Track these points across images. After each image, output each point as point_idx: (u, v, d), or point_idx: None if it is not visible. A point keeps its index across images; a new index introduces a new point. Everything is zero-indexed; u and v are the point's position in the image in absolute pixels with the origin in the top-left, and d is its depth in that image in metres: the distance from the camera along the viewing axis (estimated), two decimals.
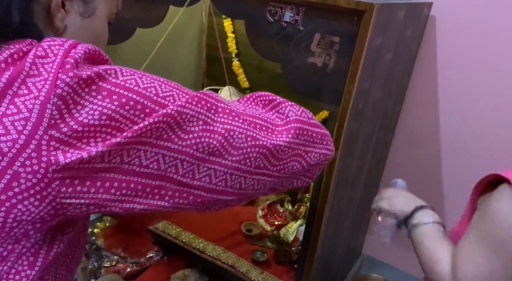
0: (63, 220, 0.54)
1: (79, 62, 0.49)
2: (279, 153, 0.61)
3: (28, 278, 0.54)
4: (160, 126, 0.51)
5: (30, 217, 0.50)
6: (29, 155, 0.47)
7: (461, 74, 1.41)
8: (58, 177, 0.48)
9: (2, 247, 0.51)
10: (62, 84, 0.47)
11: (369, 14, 0.85)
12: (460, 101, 1.44)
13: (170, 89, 0.54)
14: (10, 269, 0.52)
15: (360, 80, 0.93)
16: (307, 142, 0.65)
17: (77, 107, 0.48)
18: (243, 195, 0.62)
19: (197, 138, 0.54)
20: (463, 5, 1.34)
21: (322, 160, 0.69)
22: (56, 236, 0.56)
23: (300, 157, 0.65)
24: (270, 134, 0.61)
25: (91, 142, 0.49)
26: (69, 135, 0.48)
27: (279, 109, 0.66)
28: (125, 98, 0.50)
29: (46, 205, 0.49)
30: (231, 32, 1.63)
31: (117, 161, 0.51)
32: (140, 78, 0.53)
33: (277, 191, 0.71)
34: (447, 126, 1.50)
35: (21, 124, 0.47)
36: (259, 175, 0.61)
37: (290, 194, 1.59)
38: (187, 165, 0.55)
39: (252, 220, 1.53)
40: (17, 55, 0.50)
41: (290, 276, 1.29)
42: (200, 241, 1.39)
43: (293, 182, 0.71)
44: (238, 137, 0.57)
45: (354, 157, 1.15)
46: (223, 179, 0.58)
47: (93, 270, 1.42)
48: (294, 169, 0.65)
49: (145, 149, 0.52)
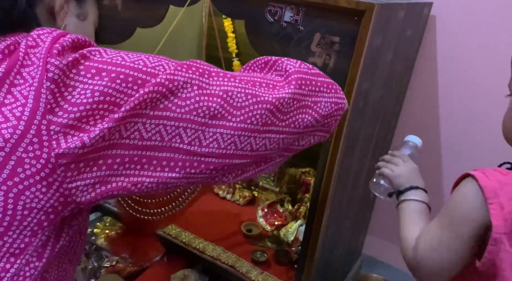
0: (75, 210, 0.54)
1: (65, 49, 0.50)
2: (284, 107, 0.60)
3: (36, 270, 0.54)
4: (153, 97, 0.51)
5: (40, 204, 0.50)
6: (31, 140, 0.48)
7: (461, 74, 1.41)
8: (62, 163, 0.49)
9: (19, 238, 0.51)
10: (52, 68, 0.48)
11: (369, 14, 0.85)
12: (460, 101, 1.44)
13: (159, 60, 0.54)
14: (27, 262, 0.53)
15: (360, 80, 0.93)
16: (312, 92, 0.63)
17: (69, 89, 0.49)
18: (257, 156, 0.60)
19: (195, 103, 0.54)
20: (463, 5, 1.34)
21: (334, 109, 0.67)
22: (63, 229, 0.56)
23: (308, 108, 0.63)
24: (271, 90, 0.60)
25: (90, 121, 0.49)
26: (66, 118, 0.48)
27: (276, 67, 0.65)
28: (115, 73, 0.50)
29: (54, 191, 0.50)
30: (231, 32, 1.63)
31: (116, 136, 0.51)
32: (126, 55, 0.53)
33: (295, 151, 0.68)
34: (447, 126, 1.50)
35: (19, 111, 0.48)
36: (269, 133, 0.59)
37: (290, 194, 1.59)
38: (191, 132, 0.54)
39: (252, 220, 1.53)
40: (13, 46, 0.52)
41: (290, 276, 1.29)
42: (200, 241, 1.39)
43: (310, 139, 0.69)
44: (237, 97, 0.56)
45: (354, 157, 1.15)
46: (231, 141, 0.56)
47: (93, 270, 1.42)
48: (305, 122, 0.63)
49: (143, 121, 0.52)
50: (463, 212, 0.66)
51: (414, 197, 0.82)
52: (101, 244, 1.50)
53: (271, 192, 1.59)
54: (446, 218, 0.69)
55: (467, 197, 0.66)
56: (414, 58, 1.44)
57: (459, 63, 1.40)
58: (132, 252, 1.48)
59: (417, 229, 0.75)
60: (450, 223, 0.67)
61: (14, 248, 0.52)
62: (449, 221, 0.68)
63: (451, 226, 0.67)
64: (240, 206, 1.63)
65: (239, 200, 1.64)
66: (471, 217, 0.64)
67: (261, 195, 1.59)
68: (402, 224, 0.79)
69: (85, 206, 0.55)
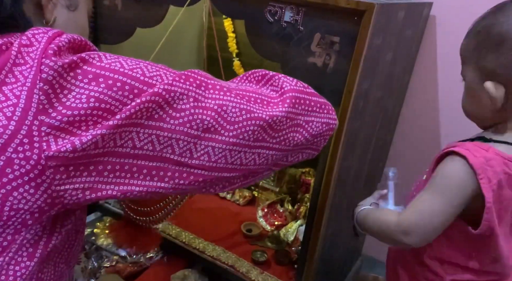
0: (61, 209, 0.53)
1: (62, 50, 0.50)
2: (277, 124, 0.60)
3: (27, 269, 0.54)
4: (149, 107, 0.51)
5: (27, 205, 0.50)
6: (21, 140, 0.47)
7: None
8: (52, 165, 0.48)
9: (1, 237, 0.51)
10: (47, 69, 0.47)
11: (369, 14, 0.85)
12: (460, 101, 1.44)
13: (157, 70, 0.54)
14: (11, 260, 0.52)
15: (360, 80, 0.93)
16: (305, 111, 0.64)
17: (64, 91, 0.49)
18: (246, 170, 0.61)
19: (189, 115, 0.54)
20: (463, 5, 1.34)
21: (325, 129, 0.68)
22: (55, 228, 0.56)
23: (300, 127, 0.64)
24: (265, 107, 0.60)
25: (83, 126, 0.49)
26: (59, 120, 0.48)
27: (272, 82, 0.65)
28: (112, 80, 0.50)
29: (41, 193, 0.49)
30: (231, 32, 1.63)
31: (110, 145, 0.51)
32: (125, 61, 0.53)
33: (283, 166, 0.69)
34: (447, 126, 1.50)
35: (10, 110, 0.47)
36: (259, 148, 0.60)
37: (290, 194, 1.59)
38: (183, 144, 0.54)
39: (252, 220, 1.53)
40: (5, 46, 0.51)
41: (290, 276, 1.29)
42: (200, 241, 1.39)
43: (299, 156, 0.70)
44: (231, 111, 0.56)
45: (354, 157, 1.15)
46: (222, 155, 0.57)
47: (93, 270, 1.42)
48: (296, 140, 0.64)
49: (137, 130, 0.52)
50: (455, 184, 0.74)
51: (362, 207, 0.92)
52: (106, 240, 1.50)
53: (271, 192, 1.59)
54: (436, 190, 0.76)
55: (459, 172, 0.73)
56: (414, 58, 1.44)
57: (459, 63, 1.40)
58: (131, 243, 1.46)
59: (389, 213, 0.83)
60: (441, 193, 0.75)
61: None
62: (441, 191, 0.75)
63: (442, 195, 0.74)
64: (240, 206, 1.63)
65: (239, 200, 1.65)
66: (463, 189, 0.73)
67: (261, 195, 1.59)
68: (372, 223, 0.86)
69: (72, 207, 0.55)
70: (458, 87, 1.44)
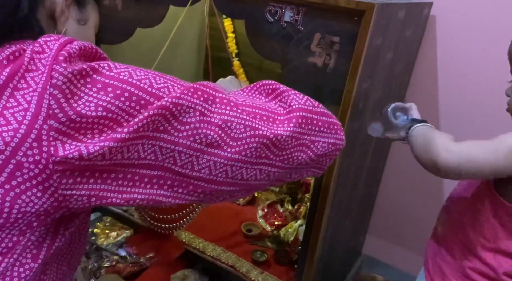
0: (66, 213, 0.54)
1: (72, 57, 0.50)
2: (281, 143, 0.60)
3: (31, 271, 0.54)
4: (156, 119, 0.52)
5: (34, 208, 0.50)
6: (31, 144, 0.48)
7: (461, 74, 1.41)
8: (58, 169, 0.49)
9: (7, 238, 0.52)
10: (57, 75, 0.48)
11: (369, 14, 0.85)
12: (460, 101, 1.44)
13: (165, 81, 0.54)
14: (15, 261, 0.53)
15: (360, 80, 0.93)
16: (312, 131, 0.63)
17: (74, 97, 0.49)
18: (246, 185, 0.61)
19: (194, 129, 0.54)
20: (463, 5, 1.34)
21: (331, 150, 0.67)
22: (59, 230, 0.56)
23: (305, 146, 0.63)
24: (271, 124, 0.60)
25: (88, 134, 0.50)
26: (67, 125, 0.49)
27: (281, 98, 0.65)
28: (120, 90, 0.51)
29: (48, 196, 0.50)
30: (231, 32, 1.63)
31: (118, 157, 0.51)
32: (134, 71, 0.53)
33: (285, 181, 0.69)
34: (447, 126, 1.50)
35: (21, 115, 0.48)
36: (261, 165, 0.60)
37: (290, 194, 1.59)
38: (185, 156, 0.54)
39: (252, 220, 1.53)
40: (18, 53, 0.52)
41: (290, 276, 1.29)
42: (200, 241, 1.39)
43: (303, 173, 0.69)
44: (236, 128, 0.57)
45: (354, 157, 1.15)
46: (223, 170, 0.57)
47: (93, 270, 1.42)
48: (300, 159, 0.63)
49: (143, 142, 0.52)
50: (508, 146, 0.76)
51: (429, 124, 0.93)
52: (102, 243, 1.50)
53: (271, 192, 1.59)
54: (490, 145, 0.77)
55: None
56: (414, 58, 1.44)
57: (459, 63, 1.40)
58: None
59: (445, 136, 0.83)
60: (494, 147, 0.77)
61: (2, 247, 0.52)
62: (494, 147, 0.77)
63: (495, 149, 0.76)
64: (240, 206, 1.63)
65: (239, 200, 1.65)
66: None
67: (261, 195, 1.59)
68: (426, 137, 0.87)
69: (77, 211, 0.55)
70: (458, 87, 1.45)
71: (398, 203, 1.66)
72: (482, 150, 0.77)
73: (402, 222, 1.68)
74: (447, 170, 0.78)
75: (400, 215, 1.67)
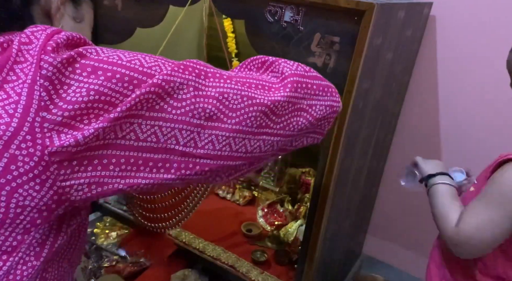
0: (69, 207, 0.54)
1: (60, 46, 0.50)
2: (279, 109, 0.60)
3: (33, 269, 0.54)
4: (149, 97, 0.51)
5: (33, 202, 0.50)
6: (24, 137, 0.47)
7: (461, 74, 1.41)
8: (55, 160, 0.48)
9: (11, 236, 0.51)
10: (46, 65, 0.48)
11: (369, 14, 0.85)
12: (460, 101, 1.44)
13: (155, 60, 0.54)
14: (20, 259, 0.53)
15: (360, 80, 0.93)
16: (308, 95, 0.64)
17: (64, 87, 0.49)
18: (252, 158, 0.61)
19: (190, 105, 0.54)
20: (463, 5, 1.34)
21: (329, 112, 0.67)
22: (62, 227, 0.56)
23: (303, 111, 0.63)
24: (266, 92, 0.60)
25: (85, 120, 0.49)
26: (61, 115, 0.48)
27: (273, 68, 0.65)
28: (111, 72, 0.50)
29: (47, 189, 0.50)
30: (230, 32, 1.63)
31: (111, 136, 0.51)
32: (123, 54, 0.53)
33: (288, 151, 0.69)
34: (447, 126, 1.50)
35: (11, 107, 0.48)
36: (263, 135, 0.60)
37: (290, 194, 1.59)
38: (186, 133, 0.54)
39: (252, 220, 1.53)
40: (6, 44, 0.51)
41: (290, 276, 1.29)
42: (200, 241, 1.39)
43: (303, 140, 0.69)
44: (233, 99, 0.56)
45: (354, 157, 1.15)
46: (226, 143, 0.57)
47: (93, 270, 1.42)
48: (299, 124, 0.63)
49: (139, 122, 0.52)
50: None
51: (444, 181, 0.89)
52: (102, 243, 1.50)
53: (271, 192, 1.59)
54: (494, 200, 0.74)
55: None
56: (414, 58, 1.44)
57: (459, 63, 1.40)
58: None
59: (455, 209, 0.80)
60: (499, 205, 0.72)
61: (6, 246, 0.51)
62: (498, 203, 0.73)
63: (500, 207, 0.72)
64: (240, 206, 1.63)
65: (239, 200, 1.64)
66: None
67: (261, 195, 1.59)
68: (437, 205, 0.84)
69: (80, 204, 0.55)
70: (458, 87, 1.45)
71: (398, 203, 1.66)
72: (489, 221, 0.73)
73: (402, 222, 1.68)
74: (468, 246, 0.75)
75: (400, 215, 1.67)
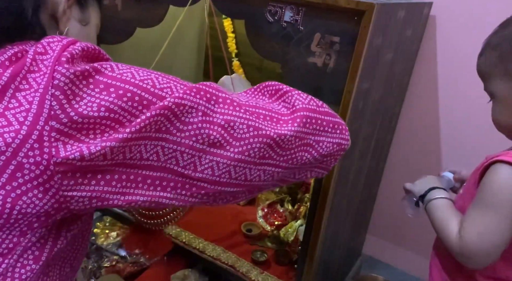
0: (67, 214, 0.54)
1: (75, 58, 0.50)
2: (284, 143, 0.59)
3: (32, 272, 0.54)
4: (158, 120, 0.51)
5: (35, 210, 0.50)
6: (32, 145, 0.48)
7: (461, 74, 1.41)
8: (60, 170, 0.49)
9: (7, 238, 0.51)
10: (59, 76, 0.48)
11: (369, 14, 0.85)
12: (460, 101, 1.44)
13: (167, 81, 0.54)
14: (16, 262, 0.53)
15: (360, 80, 0.93)
16: (316, 131, 0.63)
17: (76, 98, 0.49)
18: (250, 186, 0.61)
19: (196, 129, 0.54)
20: (463, 5, 1.34)
21: (336, 149, 0.66)
22: (61, 232, 0.56)
23: (309, 146, 0.63)
24: (274, 124, 0.59)
25: (90, 134, 0.50)
26: (68, 126, 0.48)
27: (285, 98, 0.64)
28: (122, 90, 0.51)
29: (49, 197, 0.50)
30: (231, 32, 1.63)
31: (119, 158, 0.51)
32: (137, 72, 0.53)
33: (289, 182, 0.69)
34: (447, 126, 1.50)
35: (22, 115, 0.48)
36: (265, 165, 0.59)
37: (290, 194, 1.59)
38: (187, 156, 0.54)
39: (252, 220, 1.53)
40: (20, 54, 0.52)
41: (290, 276, 1.29)
42: (200, 241, 1.39)
43: (307, 174, 0.69)
44: (239, 128, 0.56)
45: (354, 157, 1.15)
46: (226, 171, 0.56)
47: (93, 270, 1.42)
48: (304, 159, 0.63)
49: (145, 143, 0.52)
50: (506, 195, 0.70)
51: (437, 196, 0.87)
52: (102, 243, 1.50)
53: (271, 192, 1.59)
54: (488, 204, 0.72)
55: (507, 181, 0.71)
56: (414, 58, 1.44)
57: (459, 63, 1.40)
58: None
59: (454, 221, 0.79)
60: (494, 208, 0.71)
61: (2, 248, 0.52)
62: (493, 206, 0.72)
63: (496, 210, 0.71)
64: (240, 206, 1.63)
65: None
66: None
67: (261, 195, 1.59)
68: (436, 222, 0.83)
69: (78, 213, 0.55)
70: (457, 87, 1.45)
71: (398, 203, 1.66)
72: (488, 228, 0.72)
73: (402, 222, 1.68)
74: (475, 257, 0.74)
75: (400, 215, 1.67)
